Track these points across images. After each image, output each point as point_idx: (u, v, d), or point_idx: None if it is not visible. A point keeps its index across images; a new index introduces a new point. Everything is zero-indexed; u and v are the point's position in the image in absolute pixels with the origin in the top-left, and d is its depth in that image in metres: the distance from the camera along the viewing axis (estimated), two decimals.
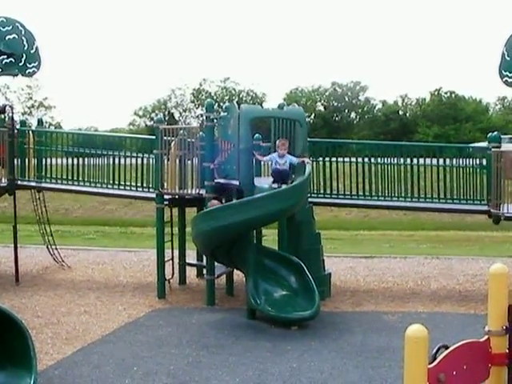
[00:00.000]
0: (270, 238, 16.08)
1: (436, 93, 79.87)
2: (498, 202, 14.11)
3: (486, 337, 4.28)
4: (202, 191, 13.73)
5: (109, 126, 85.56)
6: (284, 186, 12.71)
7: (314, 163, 15.37)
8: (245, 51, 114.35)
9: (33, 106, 70.59)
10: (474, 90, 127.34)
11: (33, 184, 16.89)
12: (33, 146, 16.68)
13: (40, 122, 18.80)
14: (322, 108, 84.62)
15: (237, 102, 22.07)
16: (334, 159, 15.94)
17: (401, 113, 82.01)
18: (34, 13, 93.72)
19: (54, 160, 16.96)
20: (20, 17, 16.97)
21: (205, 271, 14.41)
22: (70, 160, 16.71)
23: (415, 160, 15.63)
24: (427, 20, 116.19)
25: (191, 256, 16.08)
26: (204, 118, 13.96)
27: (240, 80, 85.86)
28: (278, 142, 13.40)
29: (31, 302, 13.68)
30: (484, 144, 16.76)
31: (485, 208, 14.87)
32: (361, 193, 15.71)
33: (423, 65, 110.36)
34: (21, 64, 16.83)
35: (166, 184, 14.33)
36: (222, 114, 13.96)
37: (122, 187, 15.92)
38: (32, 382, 7.21)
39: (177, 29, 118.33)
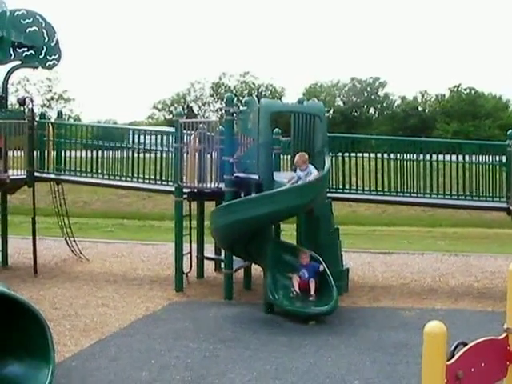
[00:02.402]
0: (288, 232, 16.09)
1: (455, 89, 79.76)
2: None
3: (505, 334, 4.24)
4: (221, 185, 13.72)
5: (128, 119, 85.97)
6: None
7: (333, 158, 15.33)
8: (264, 46, 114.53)
9: (52, 99, 70.99)
10: (494, 86, 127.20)
11: (52, 176, 16.95)
12: (52, 139, 16.73)
13: (59, 114, 18.90)
14: (341, 103, 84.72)
15: (256, 96, 22.04)
16: (352, 155, 15.90)
17: (420, 109, 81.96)
18: (54, 5, 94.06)
19: (73, 152, 17.02)
20: (40, 9, 17.06)
21: (223, 265, 14.41)
22: (89, 152, 16.77)
23: (434, 156, 15.57)
24: (447, 16, 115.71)
25: (209, 250, 16.11)
26: (224, 111, 13.92)
27: (259, 74, 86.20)
28: (296, 157, 13.07)
29: (49, 294, 13.75)
30: None
31: (504, 205, 14.79)
32: (379, 188, 15.61)
33: (443, 61, 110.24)
34: (41, 56, 16.91)
35: (185, 177, 14.33)
36: (241, 108, 13.91)
37: (140, 180, 15.94)
38: (50, 373, 7.21)
39: (197, 22, 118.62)
